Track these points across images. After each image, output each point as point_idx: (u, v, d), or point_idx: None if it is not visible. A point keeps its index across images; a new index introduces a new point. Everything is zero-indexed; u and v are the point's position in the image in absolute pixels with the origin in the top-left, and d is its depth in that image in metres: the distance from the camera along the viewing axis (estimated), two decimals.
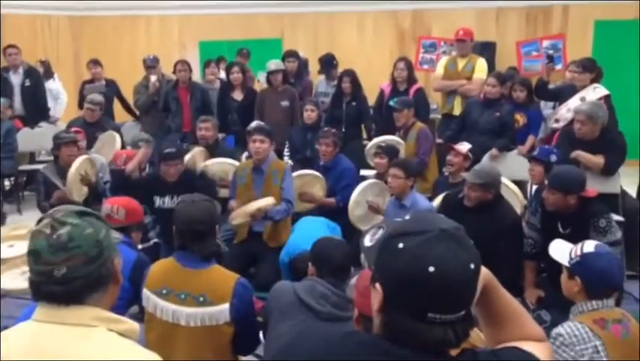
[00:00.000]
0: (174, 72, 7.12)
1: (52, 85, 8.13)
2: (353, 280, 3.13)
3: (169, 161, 4.75)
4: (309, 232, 4.03)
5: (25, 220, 6.10)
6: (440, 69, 6.79)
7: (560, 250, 2.77)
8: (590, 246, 2.63)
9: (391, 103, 5.92)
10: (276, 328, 2.59)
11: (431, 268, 1.13)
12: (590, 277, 2.55)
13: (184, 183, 4.64)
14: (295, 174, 5.29)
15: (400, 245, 1.17)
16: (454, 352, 1.20)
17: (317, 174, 5.32)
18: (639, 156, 7.73)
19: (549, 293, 3.75)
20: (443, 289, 1.13)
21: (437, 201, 4.70)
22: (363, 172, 5.75)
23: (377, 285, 1.21)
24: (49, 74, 8.23)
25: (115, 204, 3.43)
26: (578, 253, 2.62)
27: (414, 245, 1.16)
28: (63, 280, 1.39)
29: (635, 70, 7.86)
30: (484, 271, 1.27)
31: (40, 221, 1.46)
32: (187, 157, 5.57)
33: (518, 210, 4.65)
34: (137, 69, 7.99)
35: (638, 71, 7.78)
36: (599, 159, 4.83)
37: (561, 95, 5.97)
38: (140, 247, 3.89)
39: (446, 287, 1.13)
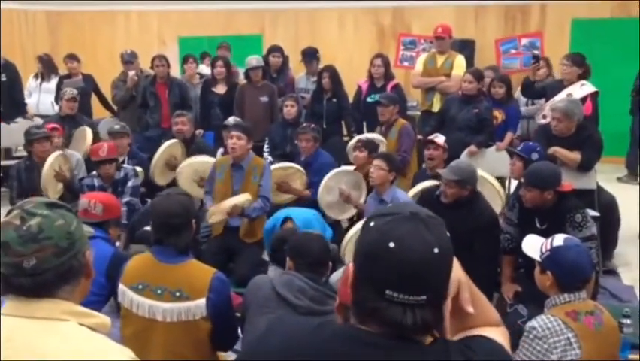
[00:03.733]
0: (152, 67, 7.07)
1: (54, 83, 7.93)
2: (338, 274, 3.14)
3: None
4: (302, 211, 4.10)
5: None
6: (419, 66, 6.81)
7: (532, 245, 2.82)
8: (559, 240, 2.67)
9: (369, 99, 5.93)
10: (253, 322, 2.59)
11: (391, 244, 1.15)
12: (560, 270, 2.59)
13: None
14: (279, 165, 5.30)
15: (372, 224, 1.21)
16: (427, 342, 1.20)
17: (300, 168, 5.33)
18: (616, 153, 7.86)
19: (526, 288, 3.77)
20: (400, 266, 1.14)
21: (413, 191, 4.72)
22: (343, 168, 5.76)
23: (351, 263, 1.25)
24: (51, 70, 8.02)
25: (92, 199, 3.40)
26: (548, 247, 2.66)
27: (382, 223, 1.19)
28: (33, 271, 1.37)
29: (612, 68, 7.95)
30: (458, 271, 1.27)
31: (9, 213, 1.44)
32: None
33: (499, 205, 4.69)
34: (115, 64, 7.91)
35: (616, 69, 7.86)
36: (575, 155, 4.88)
37: (547, 93, 6.02)
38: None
39: (404, 264, 1.14)
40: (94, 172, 5.12)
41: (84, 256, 1.47)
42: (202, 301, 2.53)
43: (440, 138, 5.10)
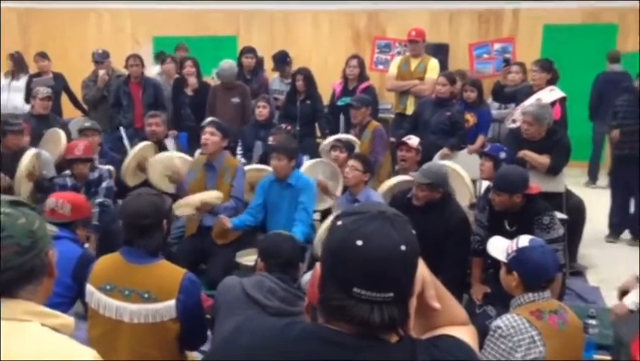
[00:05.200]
0: (126, 67, 7.01)
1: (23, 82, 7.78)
2: (308, 275, 3.15)
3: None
4: None
5: None
6: (393, 69, 6.86)
7: (498, 247, 2.87)
8: (524, 241, 2.73)
9: (340, 103, 5.94)
10: (223, 323, 2.58)
11: (359, 242, 1.16)
12: (526, 270, 2.64)
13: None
14: (252, 167, 5.29)
15: (339, 223, 1.22)
16: (393, 340, 1.21)
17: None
18: (583, 157, 8.03)
19: (495, 289, 3.82)
20: (368, 264, 1.15)
21: (382, 188, 4.76)
22: (320, 159, 5.76)
23: (318, 263, 1.26)
24: (22, 68, 7.89)
25: (60, 199, 3.34)
26: (514, 248, 2.71)
27: (349, 222, 1.20)
28: None
29: (582, 73, 8.09)
30: (422, 269, 1.29)
31: None
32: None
33: (467, 200, 4.77)
34: (86, 64, 7.80)
35: (585, 75, 8.01)
36: (544, 159, 4.96)
37: (517, 97, 6.11)
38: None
39: (371, 262, 1.15)
40: (67, 172, 5.04)
41: (47, 256, 1.45)
42: (171, 302, 2.50)
43: (414, 140, 5.15)
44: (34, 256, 1.40)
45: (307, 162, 5.22)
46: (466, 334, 1.36)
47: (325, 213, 5.21)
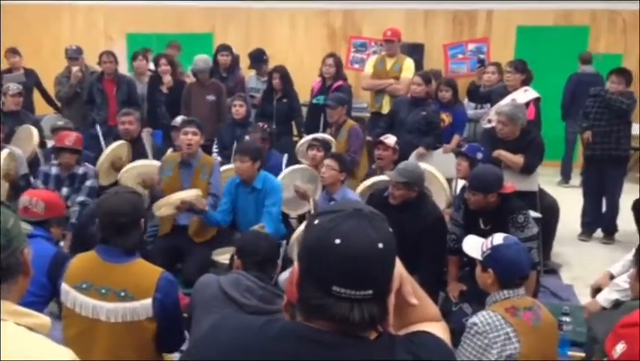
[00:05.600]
0: (99, 63, 6.92)
1: None
2: (286, 274, 3.14)
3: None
4: None
5: None
6: (369, 68, 6.89)
7: (472, 245, 2.90)
8: (499, 238, 2.77)
9: (315, 101, 5.92)
10: (200, 321, 2.56)
11: (337, 241, 1.16)
12: (501, 267, 2.68)
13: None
14: (229, 166, 5.26)
15: (316, 221, 1.22)
16: (372, 337, 1.22)
17: None
18: (556, 157, 8.15)
19: (471, 287, 3.86)
20: (347, 262, 1.15)
21: (360, 188, 4.78)
22: (296, 166, 5.76)
23: (296, 263, 1.25)
24: None
25: (34, 197, 3.28)
26: (489, 245, 2.75)
27: (326, 220, 1.20)
28: None
29: (554, 74, 8.22)
30: (399, 266, 1.29)
31: None
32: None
33: (444, 201, 4.81)
34: (59, 60, 7.69)
35: (557, 76, 8.13)
36: (518, 159, 5.02)
37: (492, 98, 6.17)
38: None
39: (350, 260, 1.15)
40: (54, 160, 5.05)
41: (22, 254, 1.42)
42: (148, 301, 2.48)
43: (390, 139, 5.17)
44: (9, 254, 1.38)
45: (285, 170, 5.17)
46: (439, 330, 1.38)
47: (304, 218, 5.20)
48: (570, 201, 6.17)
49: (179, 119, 5.74)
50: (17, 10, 10.13)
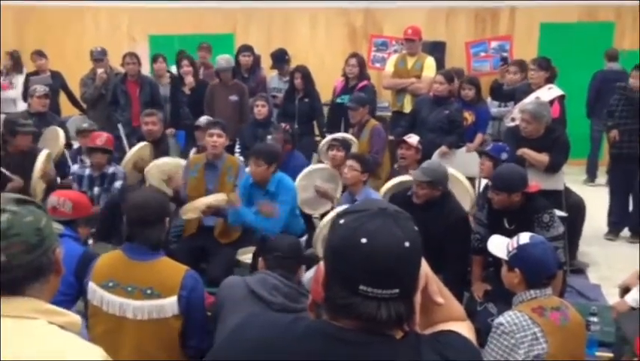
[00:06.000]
0: (122, 65, 6.99)
1: (21, 79, 7.81)
2: (310, 273, 3.14)
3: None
4: None
5: None
6: (390, 67, 6.87)
7: (497, 245, 2.88)
8: (525, 238, 2.73)
9: (339, 100, 5.91)
10: (226, 320, 2.58)
11: (363, 240, 1.16)
12: (528, 267, 2.65)
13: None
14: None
15: (341, 221, 1.21)
16: (398, 336, 1.21)
17: None
18: (582, 155, 8.05)
19: (495, 287, 3.82)
20: (373, 261, 1.15)
21: (384, 189, 4.76)
22: (316, 165, 5.76)
23: (322, 263, 1.25)
24: (19, 67, 7.93)
25: (62, 197, 3.33)
26: (515, 245, 2.72)
27: (351, 220, 1.20)
28: (2, 268, 1.34)
29: (579, 72, 8.11)
30: (424, 265, 1.29)
31: None
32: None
33: (469, 204, 4.76)
34: (83, 62, 7.79)
35: (582, 73, 8.03)
36: (543, 157, 4.96)
37: (516, 96, 6.11)
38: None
39: (377, 259, 1.15)
40: (87, 162, 5.16)
41: (54, 253, 1.44)
42: (173, 298, 2.51)
43: (413, 139, 5.15)
44: (42, 253, 1.40)
45: (303, 171, 5.16)
46: (465, 329, 1.37)
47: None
48: (596, 200, 6.09)
49: (203, 119, 5.77)
50: (40, 12, 10.28)
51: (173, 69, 7.72)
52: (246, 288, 2.63)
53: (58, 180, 5.41)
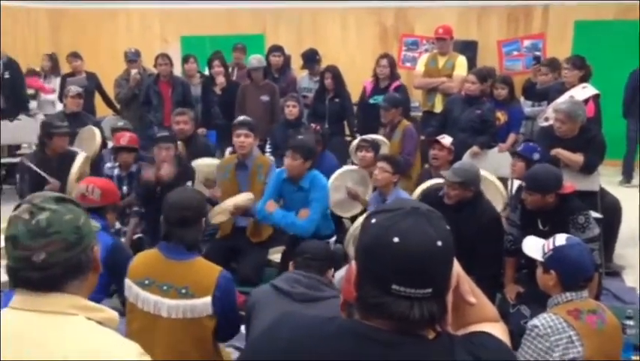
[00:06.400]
0: (155, 66, 7.08)
1: (58, 81, 8.01)
2: (341, 273, 3.15)
3: (161, 143, 4.82)
4: None
5: (5, 215, 6.02)
6: (421, 66, 6.83)
7: (533, 246, 2.83)
8: (561, 239, 2.69)
9: (372, 101, 5.89)
10: (255, 321, 2.62)
11: (395, 239, 1.15)
12: (564, 269, 2.61)
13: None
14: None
15: (373, 220, 1.22)
16: (430, 336, 1.21)
17: None
18: (617, 156, 7.88)
19: (529, 289, 3.78)
20: (406, 261, 1.15)
21: (416, 192, 4.73)
22: (348, 167, 5.75)
23: (354, 262, 1.25)
24: (56, 69, 8.09)
25: (90, 184, 3.36)
26: (551, 246, 2.68)
27: (384, 219, 1.20)
28: (42, 266, 1.37)
29: (614, 70, 7.95)
30: (455, 265, 1.28)
31: (18, 207, 1.43)
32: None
33: (500, 205, 4.70)
34: (116, 63, 7.92)
35: (618, 72, 7.87)
36: (578, 157, 4.88)
37: (549, 95, 6.02)
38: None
39: (409, 259, 1.15)
40: (116, 163, 5.27)
41: (92, 251, 1.47)
42: (207, 299, 2.54)
43: (447, 140, 5.11)
44: (81, 251, 1.42)
45: (336, 172, 5.16)
46: (498, 330, 1.36)
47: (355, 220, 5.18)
48: (632, 202, 5.96)
49: (241, 118, 5.82)
50: (75, 14, 10.48)
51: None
52: (271, 286, 2.70)
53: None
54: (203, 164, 5.38)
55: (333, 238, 4.60)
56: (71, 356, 1.31)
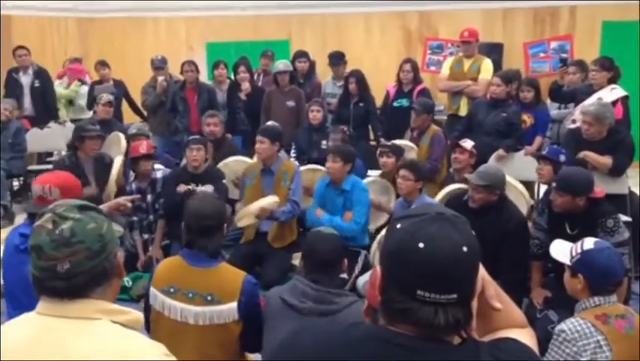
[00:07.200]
0: (181, 73, 7.16)
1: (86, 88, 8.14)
2: (365, 277, 3.12)
3: (192, 145, 4.91)
4: None
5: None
6: (446, 70, 6.79)
7: (560, 250, 2.80)
8: (589, 243, 2.65)
9: (396, 104, 5.86)
10: (267, 334, 2.61)
11: (421, 244, 1.16)
12: (592, 273, 2.57)
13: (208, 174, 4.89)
14: (307, 167, 5.30)
15: (398, 225, 1.22)
16: (455, 342, 1.21)
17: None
18: None
19: (556, 293, 3.73)
20: (431, 266, 1.15)
21: (440, 195, 4.70)
22: (370, 173, 5.75)
23: (378, 267, 1.25)
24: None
25: (46, 184, 2.95)
26: (579, 250, 2.64)
27: (409, 224, 1.20)
28: (66, 275, 1.38)
29: None
30: (480, 270, 1.27)
31: (41, 216, 1.44)
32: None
33: (524, 209, 4.64)
34: (144, 70, 8.01)
35: None
36: (606, 160, 4.81)
37: (576, 97, 5.95)
38: None
39: (435, 264, 1.15)
40: (130, 176, 5.29)
41: (115, 257, 1.49)
42: (234, 304, 2.56)
43: (468, 143, 5.08)
44: (104, 259, 1.44)
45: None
46: (525, 336, 1.35)
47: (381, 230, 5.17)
48: None
49: (269, 124, 5.85)
50: (103, 23, 10.63)
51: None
52: (280, 299, 2.63)
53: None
54: (234, 162, 5.42)
55: (365, 251, 4.60)
56: (93, 357, 1.33)
